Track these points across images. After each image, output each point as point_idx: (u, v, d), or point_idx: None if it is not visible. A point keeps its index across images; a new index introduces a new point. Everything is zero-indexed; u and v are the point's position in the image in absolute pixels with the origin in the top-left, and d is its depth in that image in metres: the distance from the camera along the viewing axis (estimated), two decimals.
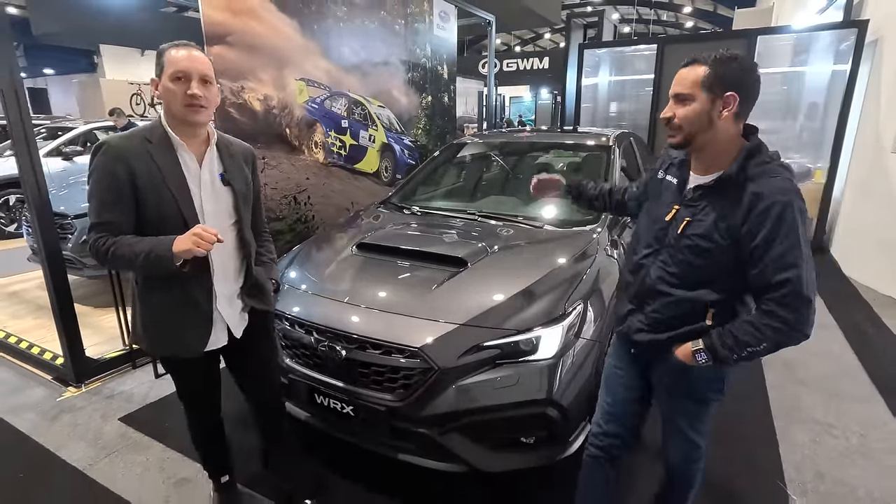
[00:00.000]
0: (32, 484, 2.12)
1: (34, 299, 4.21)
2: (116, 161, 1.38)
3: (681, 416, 1.49)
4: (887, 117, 4.48)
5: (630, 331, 1.50)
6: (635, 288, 1.48)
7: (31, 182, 2.54)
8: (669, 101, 1.34)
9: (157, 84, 1.43)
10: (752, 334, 1.23)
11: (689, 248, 1.32)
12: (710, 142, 1.30)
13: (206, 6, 3.25)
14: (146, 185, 1.40)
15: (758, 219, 1.20)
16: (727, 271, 1.29)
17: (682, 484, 1.60)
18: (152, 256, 1.36)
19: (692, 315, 1.35)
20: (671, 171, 1.47)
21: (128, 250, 1.37)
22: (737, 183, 1.25)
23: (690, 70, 1.28)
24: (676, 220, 1.37)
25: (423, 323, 1.87)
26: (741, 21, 10.44)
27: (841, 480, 2.11)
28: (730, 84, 1.24)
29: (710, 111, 1.26)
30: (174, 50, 1.41)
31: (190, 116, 1.42)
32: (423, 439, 1.83)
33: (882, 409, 2.64)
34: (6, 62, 2.40)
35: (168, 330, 1.53)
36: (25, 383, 2.93)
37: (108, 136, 1.43)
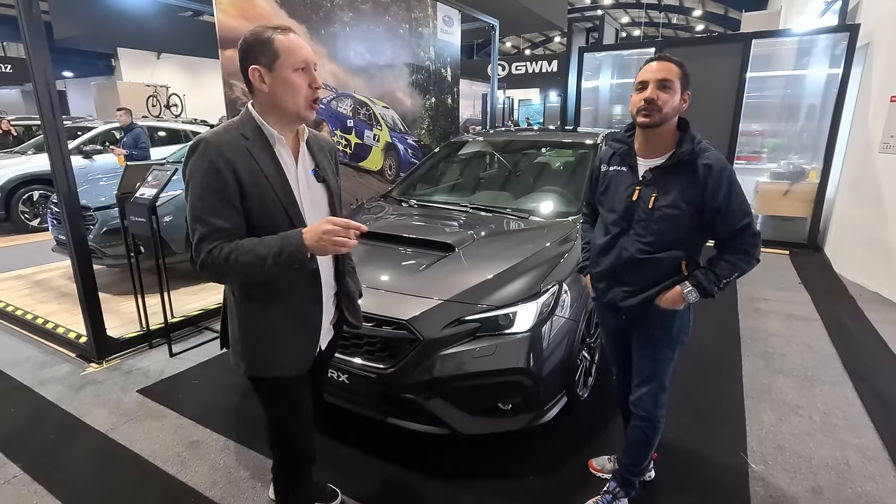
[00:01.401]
0: (62, 443, 2.36)
1: (58, 287, 4.48)
2: (218, 159, 1.21)
3: (655, 360, 1.73)
4: (876, 118, 4.60)
5: (616, 301, 1.73)
6: (610, 264, 1.71)
7: (62, 177, 2.78)
8: (650, 85, 1.51)
9: (261, 74, 1.24)
10: (728, 268, 1.57)
11: (661, 217, 1.57)
12: (667, 128, 1.56)
13: (221, 12, 3.50)
14: (250, 184, 1.24)
15: (714, 184, 1.50)
16: (691, 230, 1.59)
17: (649, 432, 1.78)
18: (283, 257, 1.19)
19: (669, 271, 1.63)
20: (615, 162, 1.71)
21: (251, 256, 1.19)
22: (690, 160, 1.54)
23: (669, 65, 1.52)
24: (643, 197, 1.60)
25: (410, 299, 2.08)
26: (748, 24, 10.51)
27: (798, 453, 2.27)
28: (688, 86, 1.56)
29: (680, 101, 1.54)
30: (282, 35, 1.24)
31: (309, 112, 1.29)
32: (409, 404, 2.03)
33: (849, 390, 2.79)
34: (41, 66, 2.65)
35: (278, 346, 1.37)
36: (52, 360, 3.18)
37: (204, 133, 1.25)
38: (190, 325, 3.58)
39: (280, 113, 1.28)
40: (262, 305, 1.34)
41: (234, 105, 3.69)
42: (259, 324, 1.36)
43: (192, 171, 1.22)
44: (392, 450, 2.25)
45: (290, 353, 1.39)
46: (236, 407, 2.65)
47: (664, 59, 1.54)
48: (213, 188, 1.21)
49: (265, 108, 1.29)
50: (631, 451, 1.85)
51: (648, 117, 1.52)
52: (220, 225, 1.21)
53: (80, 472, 2.18)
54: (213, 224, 1.21)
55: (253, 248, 1.21)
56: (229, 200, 1.22)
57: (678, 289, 1.60)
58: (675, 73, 1.51)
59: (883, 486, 2.07)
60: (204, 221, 1.21)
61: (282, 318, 1.36)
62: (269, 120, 1.29)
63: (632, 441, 1.84)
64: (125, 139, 6.58)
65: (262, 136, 1.28)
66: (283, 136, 1.31)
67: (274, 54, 1.23)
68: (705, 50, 6.22)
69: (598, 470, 2.11)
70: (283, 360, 1.38)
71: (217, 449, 2.30)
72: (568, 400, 2.30)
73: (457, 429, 2.03)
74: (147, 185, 3.11)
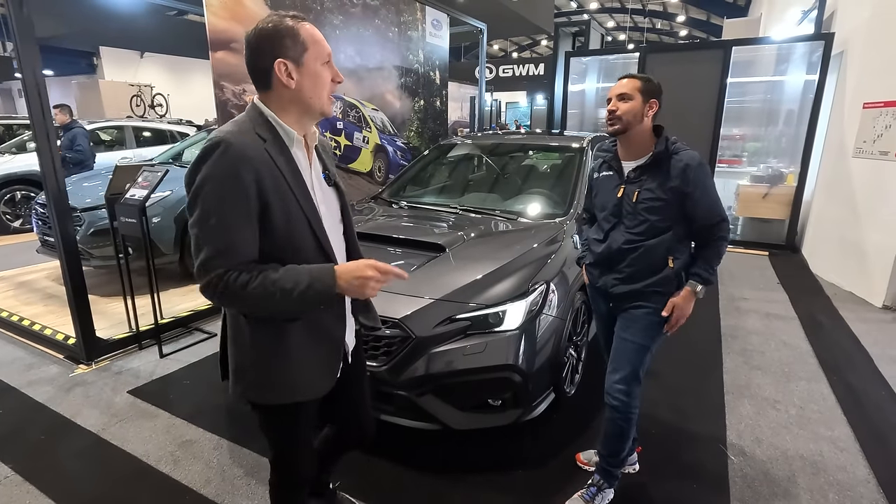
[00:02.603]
0: (53, 444, 2.36)
1: (43, 288, 4.44)
2: (241, 164, 1.06)
3: (633, 349, 1.83)
4: (850, 124, 4.77)
5: (607, 287, 1.90)
6: (603, 253, 1.88)
7: (51, 177, 2.78)
8: (612, 99, 1.78)
9: (288, 68, 1.12)
10: (716, 257, 1.78)
11: (645, 209, 1.77)
12: (638, 133, 1.78)
13: (211, 14, 3.51)
14: (273, 192, 1.10)
15: (694, 180, 1.70)
16: (674, 220, 1.76)
17: (623, 423, 1.86)
18: (310, 294, 1.08)
19: (658, 262, 1.78)
20: (604, 169, 1.93)
21: (274, 288, 1.07)
22: (665, 157, 1.74)
23: (630, 80, 1.78)
24: (627, 194, 1.81)
25: (402, 298, 2.12)
26: (730, 31, 10.71)
27: (774, 445, 2.37)
28: (654, 95, 1.77)
29: (642, 109, 1.75)
30: (304, 25, 1.14)
31: (330, 107, 1.21)
32: (402, 401, 2.08)
33: (824, 385, 2.90)
34: (30, 64, 2.65)
35: (299, 369, 1.24)
36: (39, 361, 3.17)
37: (220, 134, 1.08)
38: (180, 325, 3.58)
39: (302, 110, 1.18)
40: (280, 327, 1.20)
41: (225, 107, 3.70)
42: (277, 346, 1.21)
43: (208, 177, 1.05)
44: (384, 445, 2.29)
45: (313, 375, 1.26)
46: (228, 406, 2.67)
47: (627, 76, 1.79)
48: (232, 200, 1.05)
49: (284, 105, 1.16)
50: (608, 442, 1.92)
51: (612, 125, 1.78)
52: (238, 245, 1.07)
53: (73, 471, 2.18)
54: (229, 243, 1.06)
55: (278, 279, 1.07)
56: (249, 215, 1.08)
57: (687, 288, 1.77)
58: (633, 87, 1.74)
59: (853, 475, 2.17)
60: (218, 239, 1.05)
61: (303, 340, 1.22)
62: (287, 118, 1.17)
63: (607, 433, 1.92)
64: (62, 139, 6.01)
65: (278, 137, 1.16)
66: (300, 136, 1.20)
67: (302, 46, 1.12)
68: (688, 56, 6.37)
69: (584, 463, 2.18)
70: (302, 384, 1.25)
71: (210, 448, 2.32)
72: (556, 396, 2.37)
73: (448, 424, 2.09)
74: (137, 186, 3.11)
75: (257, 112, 1.17)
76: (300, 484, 1.47)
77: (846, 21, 5.36)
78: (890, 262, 4.06)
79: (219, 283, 1.06)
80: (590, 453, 2.21)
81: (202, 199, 1.06)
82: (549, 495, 2.03)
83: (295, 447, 1.38)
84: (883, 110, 4.22)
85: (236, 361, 1.26)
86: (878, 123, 4.26)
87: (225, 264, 1.06)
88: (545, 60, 17.74)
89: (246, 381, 1.25)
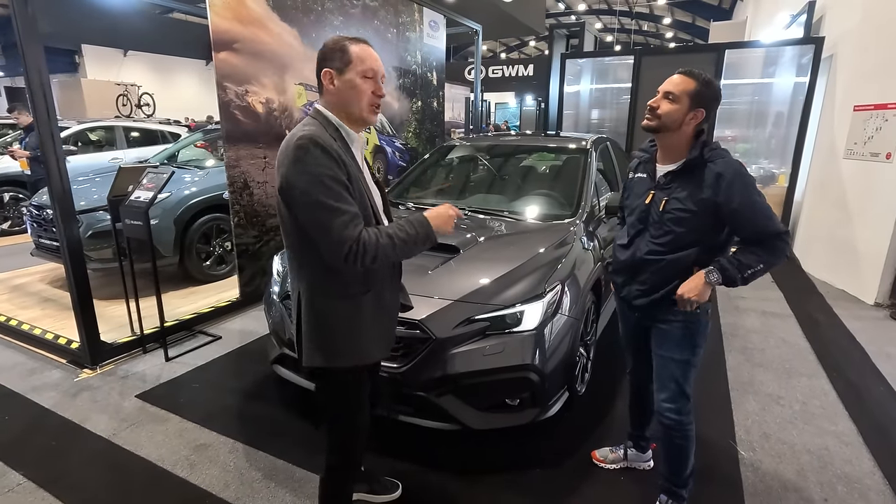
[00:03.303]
0: (64, 450, 2.33)
1: (38, 292, 4.36)
2: (333, 153, 1.30)
3: (674, 364, 1.75)
4: (840, 126, 4.89)
5: (630, 298, 1.83)
6: (627, 261, 1.81)
7: (56, 179, 2.74)
8: (659, 93, 1.65)
9: (332, 76, 1.36)
10: (753, 259, 1.58)
11: (671, 219, 1.66)
12: (674, 137, 1.67)
13: (215, 14, 3.49)
14: (351, 177, 1.34)
15: (728, 190, 1.56)
16: (702, 232, 1.64)
17: (680, 441, 1.78)
18: (421, 235, 1.36)
19: (681, 272, 1.67)
20: (640, 170, 1.85)
21: (392, 239, 1.32)
22: (698, 164, 1.62)
23: (684, 79, 1.62)
24: (655, 201, 1.71)
25: (422, 300, 2.13)
26: (716, 33, 10.93)
27: (782, 440, 2.43)
28: (704, 103, 1.62)
29: (684, 116, 1.62)
30: (357, 45, 1.36)
31: (370, 115, 1.40)
32: (422, 402, 2.09)
33: (824, 381, 2.98)
34: (36, 65, 2.60)
35: (369, 334, 1.46)
36: (41, 366, 3.11)
37: (307, 132, 1.30)
38: (184, 328, 3.55)
39: (346, 115, 1.39)
40: (355, 298, 1.42)
41: (228, 108, 3.68)
42: (349, 318, 1.42)
43: (314, 164, 1.26)
44: (403, 446, 2.31)
45: (376, 342, 1.50)
46: (241, 409, 2.66)
47: (683, 73, 1.64)
48: (337, 178, 1.29)
49: (333, 110, 1.39)
50: (667, 462, 1.86)
51: (648, 121, 1.67)
52: (355, 210, 1.30)
53: (88, 477, 2.16)
54: (349, 210, 1.29)
55: (394, 232, 1.33)
56: (348, 189, 1.31)
57: (700, 272, 1.61)
58: (683, 89, 1.60)
59: (859, 467, 2.24)
60: (341, 210, 1.27)
61: (370, 311, 1.45)
62: (343, 123, 1.40)
63: (665, 452, 1.85)
64: (27, 140, 5.66)
65: (342, 137, 1.38)
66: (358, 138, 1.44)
67: (347, 60, 1.35)
68: (682, 59, 6.48)
69: (600, 460, 2.21)
70: (371, 346, 1.48)
71: (226, 451, 2.31)
72: (569, 395, 2.40)
73: (467, 424, 2.10)
74: (142, 188, 3.08)
75: (324, 116, 1.39)
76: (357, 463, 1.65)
77: (835, 26, 5.49)
78: (881, 260, 4.18)
79: (357, 246, 1.27)
80: (605, 451, 2.24)
81: (312, 184, 1.26)
82: (567, 495, 2.06)
83: (360, 409, 1.56)
84: (873, 113, 4.34)
85: (312, 333, 1.43)
86: (869, 126, 4.38)
87: (355, 231, 1.28)
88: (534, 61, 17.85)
89: (320, 348, 1.43)
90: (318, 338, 1.43)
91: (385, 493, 2.01)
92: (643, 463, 2.19)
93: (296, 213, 1.32)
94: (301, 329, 1.45)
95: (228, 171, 3.75)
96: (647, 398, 2.03)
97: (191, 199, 4.33)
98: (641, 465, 2.19)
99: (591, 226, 2.94)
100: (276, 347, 2.51)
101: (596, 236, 2.92)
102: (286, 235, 1.42)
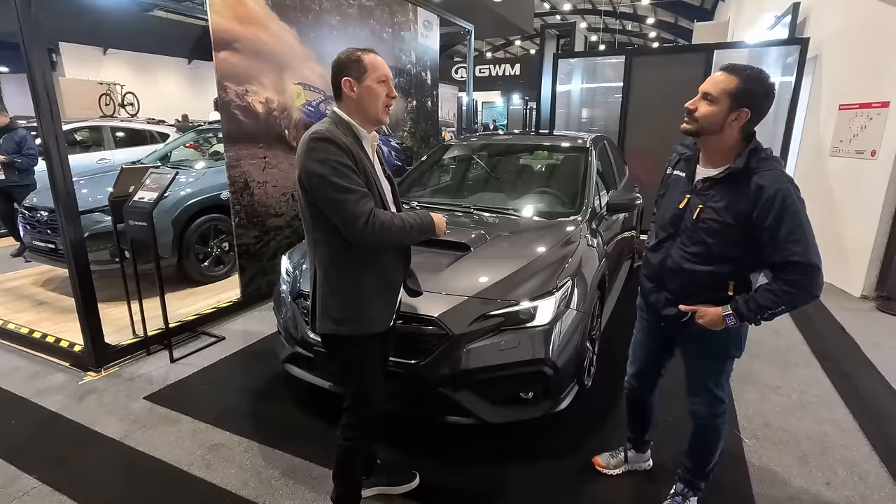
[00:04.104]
0: (76, 452, 2.31)
1: (33, 295, 4.29)
2: (343, 146, 1.47)
3: (706, 373, 1.71)
4: (825, 124, 5.04)
5: (658, 307, 1.74)
6: (656, 267, 1.71)
7: (60, 181, 2.71)
8: (698, 94, 1.54)
9: (351, 83, 1.53)
10: (771, 299, 1.46)
11: (703, 230, 1.55)
12: (717, 141, 1.54)
13: (215, 14, 3.47)
14: (361, 169, 1.51)
15: (765, 205, 1.42)
16: (739, 247, 1.52)
17: (711, 437, 1.80)
18: (425, 226, 1.60)
19: (714, 286, 1.57)
20: (679, 167, 1.72)
21: (402, 223, 1.53)
22: (742, 175, 1.48)
23: (725, 77, 1.48)
24: (690, 207, 1.59)
25: (437, 297, 2.17)
26: (700, 34, 11.13)
27: (783, 427, 2.52)
28: (748, 102, 1.47)
29: (725, 117, 1.49)
30: (368, 55, 1.55)
31: (384, 115, 1.59)
32: (438, 396, 2.13)
33: (819, 371, 3.09)
34: (40, 66, 2.58)
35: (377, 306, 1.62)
36: (43, 369, 3.07)
37: (323, 128, 1.49)
38: (187, 330, 3.53)
39: (363, 116, 1.58)
40: (361, 273, 1.58)
41: (228, 108, 3.66)
42: (357, 289, 1.59)
43: (328, 155, 1.45)
44: (418, 440, 2.34)
45: (381, 310, 1.64)
46: (252, 409, 2.66)
47: (725, 69, 1.51)
48: (348, 166, 1.46)
49: (351, 113, 1.57)
50: (693, 456, 1.87)
51: (686, 124, 1.56)
52: (364, 190, 1.48)
53: (103, 479, 2.15)
54: (360, 189, 1.47)
55: (404, 217, 1.55)
56: (358, 176, 1.49)
57: (718, 310, 1.54)
58: (722, 87, 1.48)
59: (857, 452, 2.34)
60: (354, 190, 1.45)
61: (376, 284, 1.61)
62: (354, 123, 1.57)
63: (693, 448, 1.85)
64: (1, 143, 5.34)
65: (354, 135, 1.56)
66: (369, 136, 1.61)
67: (363, 69, 1.54)
68: (672, 59, 6.59)
69: (603, 466, 2.17)
70: (375, 318, 1.63)
71: (241, 450, 2.32)
72: (578, 388, 2.46)
73: (483, 418, 2.14)
74: (146, 189, 3.06)
75: (338, 117, 1.58)
76: (374, 420, 1.75)
77: (819, 27, 5.66)
78: (867, 255, 4.32)
79: (372, 218, 1.46)
80: (606, 456, 2.19)
81: (327, 172, 1.44)
82: (584, 482, 2.11)
83: (372, 375, 1.70)
84: (858, 111, 4.48)
85: (324, 303, 1.61)
86: (854, 124, 4.52)
87: (367, 205, 1.47)
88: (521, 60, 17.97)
89: (332, 317, 1.60)
90: (328, 307, 1.60)
91: (404, 483, 2.05)
92: (643, 463, 2.19)
93: (314, 198, 1.49)
94: (315, 301, 1.64)
95: (229, 170, 3.73)
96: (648, 407, 2.05)
97: (188, 200, 4.30)
98: (642, 466, 2.19)
99: (594, 223, 3.00)
100: (288, 346, 2.52)
101: (599, 233, 2.99)
102: (304, 221, 1.61)
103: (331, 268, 1.59)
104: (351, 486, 1.82)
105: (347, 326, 1.60)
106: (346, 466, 1.78)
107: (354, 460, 1.79)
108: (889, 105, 4.12)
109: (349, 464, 1.78)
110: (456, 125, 13.81)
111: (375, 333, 1.64)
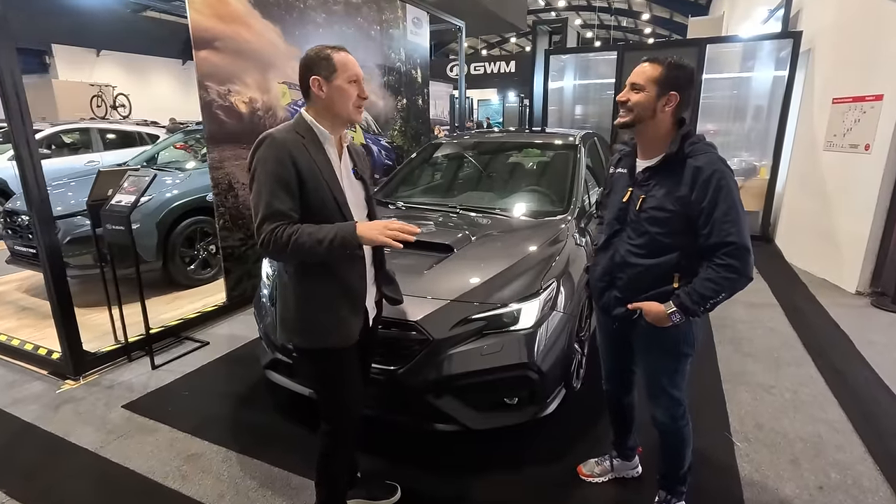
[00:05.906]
0: (49, 464, 2.24)
1: (15, 301, 4.21)
2: (282, 151, 1.40)
3: (662, 374, 1.70)
4: (819, 118, 4.99)
5: (609, 307, 1.73)
6: (606, 264, 1.71)
7: (33, 185, 2.63)
8: (626, 87, 1.58)
9: (320, 83, 1.45)
10: (712, 288, 1.48)
11: (648, 220, 1.57)
12: (651, 128, 1.57)
13: (195, 11, 3.39)
14: (307, 173, 1.43)
15: (703, 186, 1.46)
16: (681, 235, 1.54)
17: (676, 442, 1.78)
18: (336, 242, 1.38)
19: (660, 280, 1.58)
20: (621, 164, 1.75)
21: (309, 238, 1.38)
22: (677, 160, 1.52)
23: (650, 66, 1.55)
24: (633, 199, 1.62)
25: (417, 300, 2.10)
26: (695, 28, 11.11)
27: (775, 429, 2.46)
28: (674, 86, 1.53)
29: (655, 103, 1.53)
30: (340, 53, 1.47)
31: (356, 115, 1.52)
32: (420, 403, 2.06)
33: (812, 369, 3.04)
34: (9, 67, 2.50)
35: (331, 319, 1.53)
36: (20, 378, 3.00)
37: (269, 130, 1.45)
38: (170, 335, 3.46)
39: (333, 116, 1.51)
40: (317, 280, 1.52)
41: (210, 108, 3.59)
42: (313, 300, 1.53)
43: (261, 160, 1.41)
44: (398, 449, 2.28)
45: (344, 324, 1.55)
46: (233, 417, 2.60)
47: (646, 60, 1.57)
48: (277, 175, 1.40)
49: (320, 113, 1.51)
50: (664, 461, 1.86)
51: (621, 117, 1.60)
52: (282, 208, 1.40)
53: (76, 492, 2.08)
54: (276, 206, 1.40)
55: (311, 233, 1.39)
56: (289, 187, 1.41)
57: (662, 307, 1.55)
58: (647, 76, 1.53)
59: (851, 454, 2.28)
60: (268, 204, 1.39)
61: (334, 295, 1.53)
62: (323, 123, 1.51)
63: (662, 452, 1.84)
64: None
65: (315, 136, 1.50)
66: (332, 137, 1.53)
67: (332, 68, 1.46)
68: (665, 53, 6.51)
69: (587, 475, 2.11)
70: (334, 332, 1.54)
71: (219, 460, 2.26)
72: (566, 391, 2.40)
73: (467, 425, 2.08)
74: (123, 192, 2.98)
75: (301, 117, 1.53)
76: (350, 431, 1.70)
77: (812, 20, 5.60)
78: (861, 250, 4.27)
79: (270, 237, 1.38)
80: (591, 464, 2.14)
81: (256, 177, 1.42)
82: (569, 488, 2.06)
83: (341, 385, 1.63)
84: (851, 105, 4.43)
85: (282, 313, 1.58)
86: (847, 118, 4.47)
87: (272, 224, 1.39)
88: (516, 58, 17.88)
89: (290, 328, 1.57)
90: (284, 318, 1.58)
91: (384, 497, 1.98)
92: (630, 471, 2.12)
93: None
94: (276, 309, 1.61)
95: (212, 172, 3.66)
96: (626, 408, 2.00)
97: (173, 202, 4.22)
98: (629, 474, 2.12)
99: (582, 222, 2.94)
100: (268, 352, 2.46)
101: (587, 232, 2.92)
102: None
103: (286, 276, 1.55)
104: (334, 493, 1.76)
105: (301, 338, 1.56)
106: (327, 474, 1.73)
107: (335, 468, 1.73)
108: (882, 98, 4.06)
109: (331, 471, 1.72)
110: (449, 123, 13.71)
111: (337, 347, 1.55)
